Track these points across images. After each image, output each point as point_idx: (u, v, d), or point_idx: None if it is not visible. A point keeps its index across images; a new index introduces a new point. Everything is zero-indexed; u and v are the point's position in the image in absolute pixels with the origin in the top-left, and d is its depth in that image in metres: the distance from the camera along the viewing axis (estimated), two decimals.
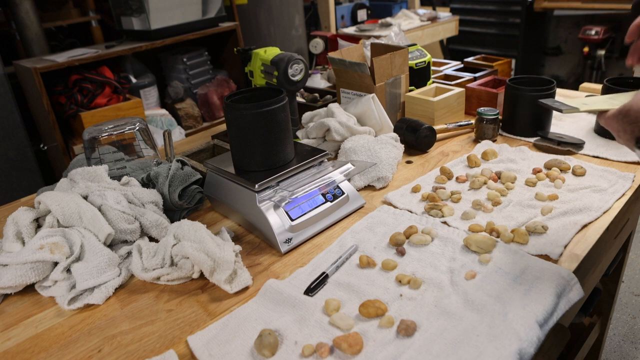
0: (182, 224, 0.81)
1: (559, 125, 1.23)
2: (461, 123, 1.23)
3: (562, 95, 1.42)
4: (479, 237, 0.77)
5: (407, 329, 0.62)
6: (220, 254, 0.74)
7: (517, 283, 0.69)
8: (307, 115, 1.21)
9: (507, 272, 0.71)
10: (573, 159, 1.05)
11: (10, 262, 0.75)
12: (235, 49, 1.22)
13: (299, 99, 1.50)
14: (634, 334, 1.81)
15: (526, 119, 1.17)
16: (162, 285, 0.78)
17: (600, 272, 0.97)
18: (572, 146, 1.10)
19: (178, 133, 2.38)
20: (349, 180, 0.97)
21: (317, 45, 2.88)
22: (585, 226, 0.82)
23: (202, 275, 0.77)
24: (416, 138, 1.14)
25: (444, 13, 3.39)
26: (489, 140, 1.16)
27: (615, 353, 1.74)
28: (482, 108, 1.17)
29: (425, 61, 1.37)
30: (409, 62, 1.32)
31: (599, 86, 1.33)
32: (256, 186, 0.83)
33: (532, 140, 1.17)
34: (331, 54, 1.31)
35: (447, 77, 1.51)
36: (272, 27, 2.94)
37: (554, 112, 1.20)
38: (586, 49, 3.67)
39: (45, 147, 2.17)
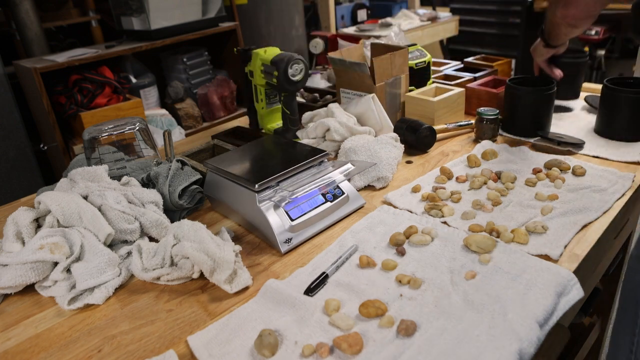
0: (182, 224, 0.81)
1: (559, 125, 1.23)
2: (461, 123, 1.23)
3: None
4: (479, 237, 0.77)
5: (407, 329, 0.62)
6: (220, 254, 0.74)
7: (517, 283, 0.69)
8: (307, 115, 1.21)
9: (507, 272, 0.71)
10: (573, 159, 1.05)
11: (10, 262, 0.75)
12: (235, 49, 1.23)
13: (299, 99, 1.50)
14: None
15: (526, 119, 1.17)
16: (162, 285, 0.78)
17: (600, 272, 0.97)
18: (572, 146, 1.10)
19: (178, 133, 2.38)
20: (349, 180, 0.97)
21: (317, 45, 2.88)
22: (585, 226, 0.82)
23: (202, 275, 0.77)
24: (416, 138, 1.14)
25: (444, 13, 3.40)
26: (489, 140, 1.16)
27: None
28: (482, 108, 1.17)
29: (425, 61, 1.37)
30: (409, 62, 1.32)
31: (599, 86, 1.33)
32: (256, 186, 0.83)
33: (532, 140, 1.17)
34: (331, 54, 1.31)
35: (447, 77, 1.51)
36: (272, 27, 2.94)
37: (554, 113, 1.20)
38: (586, 49, 3.66)
39: (45, 147, 2.17)
